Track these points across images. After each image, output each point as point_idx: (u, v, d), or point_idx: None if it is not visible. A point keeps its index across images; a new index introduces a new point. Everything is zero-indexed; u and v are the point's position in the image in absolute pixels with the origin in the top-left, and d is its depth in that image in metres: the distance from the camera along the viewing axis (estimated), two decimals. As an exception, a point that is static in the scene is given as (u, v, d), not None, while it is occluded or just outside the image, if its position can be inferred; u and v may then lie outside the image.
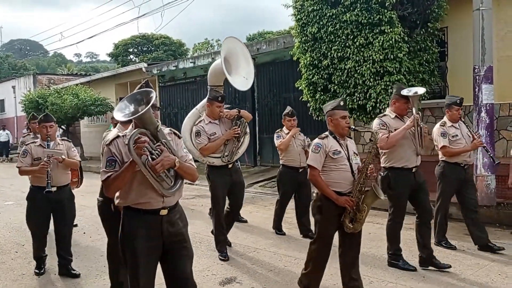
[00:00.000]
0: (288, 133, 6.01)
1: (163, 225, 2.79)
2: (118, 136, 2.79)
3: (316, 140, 3.73)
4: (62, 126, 17.76)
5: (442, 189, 5.33)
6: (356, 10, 7.37)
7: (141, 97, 2.64)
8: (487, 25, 6.96)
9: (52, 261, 4.93)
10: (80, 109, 16.37)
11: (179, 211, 2.94)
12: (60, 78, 24.94)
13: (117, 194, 2.82)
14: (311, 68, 8.15)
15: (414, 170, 4.54)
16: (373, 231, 6.07)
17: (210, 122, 5.09)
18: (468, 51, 7.59)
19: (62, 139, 4.94)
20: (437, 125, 5.37)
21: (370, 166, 3.59)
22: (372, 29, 7.36)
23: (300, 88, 8.59)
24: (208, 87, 5.77)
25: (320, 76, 8.05)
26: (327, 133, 3.76)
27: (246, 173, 12.23)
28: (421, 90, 4.58)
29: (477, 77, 7.06)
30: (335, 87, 7.89)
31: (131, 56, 34.44)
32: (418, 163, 4.57)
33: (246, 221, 7.02)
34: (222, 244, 5.19)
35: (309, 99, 8.39)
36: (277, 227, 6.30)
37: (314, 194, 3.76)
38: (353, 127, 3.83)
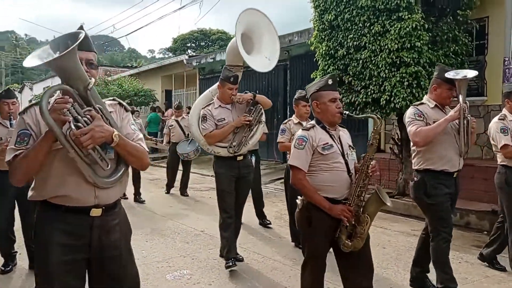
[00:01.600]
0: (298, 122, 5.17)
1: (93, 232, 2.03)
2: (36, 103, 2.00)
3: (300, 132, 2.90)
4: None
5: (508, 201, 4.19)
6: (373, -5, 6.79)
7: (71, 42, 1.83)
8: (520, 12, 6.15)
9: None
10: (124, 99, 16.78)
11: (119, 214, 2.17)
12: (116, 70, 25.88)
13: (32, 185, 2.08)
14: (327, 58, 7.65)
15: (455, 175, 3.58)
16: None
17: (220, 106, 4.40)
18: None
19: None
20: (495, 119, 4.32)
21: (372, 162, 2.80)
22: (389, 16, 6.74)
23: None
24: (225, 66, 4.79)
25: (335, 67, 7.54)
26: (313, 122, 2.95)
27: (272, 169, 11.92)
28: (471, 73, 3.53)
29: (506, 70, 6.26)
30: (350, 79, 7.35)
31: (189, 51, 35.11)
32: (461, 166, 3.59)
33: (269, 223, 6.18)
34: (229, 250, 4.27)
35: (325, 91, 7.89)
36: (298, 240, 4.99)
37: (298, 201, 2.93)
38: (346, 112, 2.96)
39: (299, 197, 2.96)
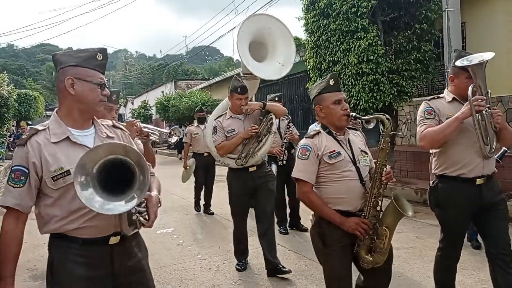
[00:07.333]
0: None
1: (114, 259, 1.96)
2: (43, 129, 1.88)
3: (303, 141, 2.66)
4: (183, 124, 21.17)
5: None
6: (339, 20, 8.43)
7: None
8: (453, 25, 7.36)
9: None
10: (192, 110, 19.53)
11: (136, 234, 2.08)
12: (195, 82, 29.04)
13: (41, 219, 1.93)
14: (316, 71, 9.39)
15: (479, 181, 2.92)
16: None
17: (231, 117, 4.35)
18: (488, 46, 7.43)
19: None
20: None
21: (385, 168, 2.52)
22: (352, 36, 8.33)
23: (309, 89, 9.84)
24: (241, 74, 4.69)
25: (321, 78, 9.23)
26: (318, 128, 2.72)
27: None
28: (487, 56, 2.83)
29: (446, 73, 7.50)
30: (331, 87, 9.00)
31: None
32: (487, 171, 2.95)
33: (306, 229, 5.95)
34: (240, 253, 4.65)
35: (317, 98, 9.57)
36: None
37: (310, 217, 2.72)
38: (353, 114, 2.69)
39: (311, 213, 2.71)
